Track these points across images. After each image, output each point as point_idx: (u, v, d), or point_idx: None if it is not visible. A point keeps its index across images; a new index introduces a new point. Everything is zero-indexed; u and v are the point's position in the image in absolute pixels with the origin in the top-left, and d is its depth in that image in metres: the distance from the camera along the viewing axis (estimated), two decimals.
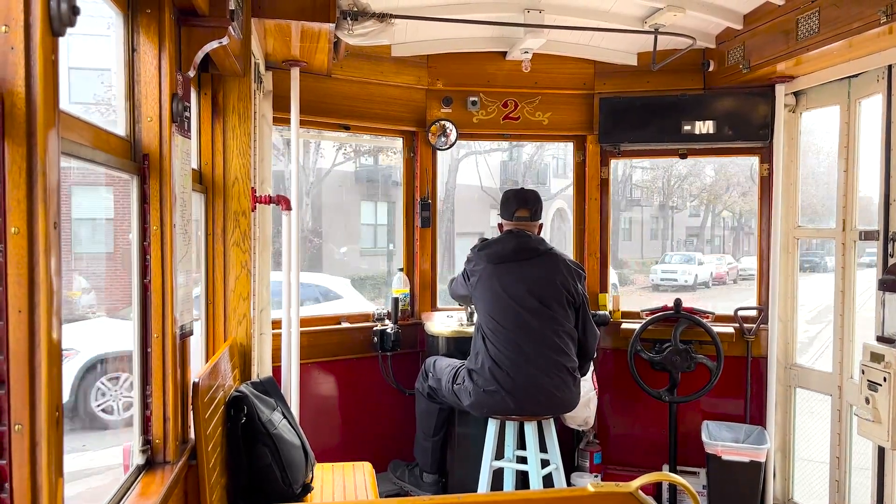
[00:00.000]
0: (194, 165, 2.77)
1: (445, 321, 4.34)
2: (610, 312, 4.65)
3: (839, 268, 3.81)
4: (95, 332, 7.32)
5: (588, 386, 4.10)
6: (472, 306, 3.95)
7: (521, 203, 3.70)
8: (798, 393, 4.22)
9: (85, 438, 6.68)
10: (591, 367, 4.12)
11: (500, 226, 3.78)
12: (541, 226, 3.75)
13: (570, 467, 4.46)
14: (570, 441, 4.53)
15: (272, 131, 3.64)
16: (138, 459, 1.95)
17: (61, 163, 1.23)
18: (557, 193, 25.39)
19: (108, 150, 1.72)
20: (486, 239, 3.77)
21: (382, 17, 3.44)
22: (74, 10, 1.12)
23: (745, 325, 4.37)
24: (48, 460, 1.12)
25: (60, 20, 1.11)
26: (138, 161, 1.94)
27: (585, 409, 4.09)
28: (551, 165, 26.96)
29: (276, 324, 3.64)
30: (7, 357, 1.09)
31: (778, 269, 4.15)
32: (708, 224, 32.58)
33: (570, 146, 4.88)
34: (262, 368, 3.27)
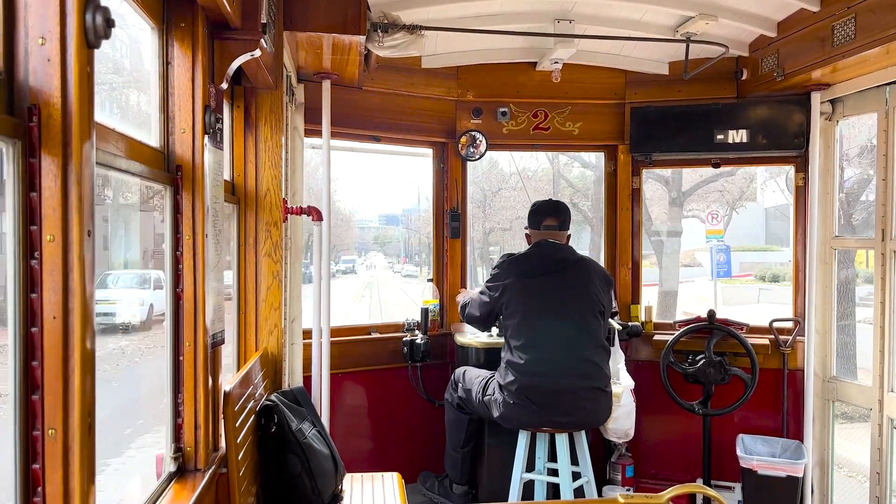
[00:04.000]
0: (227, 177, 2.81)
1: (475, 332, 4.32)
2: (642, 324, 4.60)
3: (878, 279, 3.72)
4: None
5: (629, 398, 4.05)
6: (496, 325, 3.91)
7: (552, 212, 3.68)
8: (836, 406, 4.13)
9: None
10: (632, 382, 4.06)
11: (528, 236, 3.76)
12: (569, 236, 3.73)
13: (602, 480, 4.41)
14: (603, 454, 4.48)
15: (304, 143, 3.67)
16: (170, 467, 1.97)
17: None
18: None
19: (142, 161, 1.75)
20: (512, 254, 3.74)
21: (412, 29, 3.47)
22: (109, 23, 1.15)
23: (781, 336, 4.29)
24: (80, 466, 1.14)
25: (96, 33, 1.13)
26: (171, 172, 1.98)
27: (626, 422, 4.03)
28: None
29: (307, 333, 3.66)
30: (41, 362, 1.11)
31: (815, 281, 4.07)
32: None
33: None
34: (292, 378, 3.29)
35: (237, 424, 2.26)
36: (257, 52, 2.29)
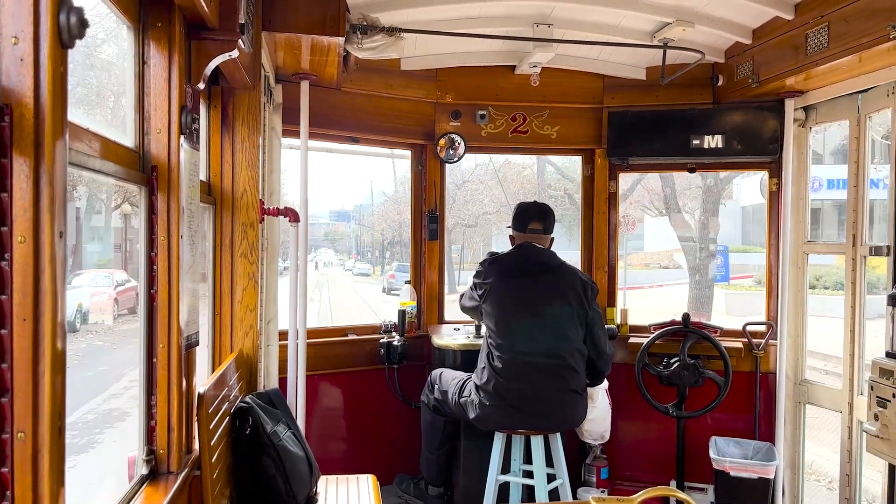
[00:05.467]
0: (203, 177, 2.78)
1: (452, 334, 4.33)
2: (618, 326, 4.63)
3: (849, 283, 3.79)
4: None
5: (604, 400, 4.08)
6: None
7: (537, 216, 3.69)
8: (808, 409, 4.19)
9: None
10: (606, 383, 4.11)
11: (512, 238, 3.77)
12: (552, 240, 3.74)
13: (577, 482, 4.43)
14: (578, 456, 4.51)
15: (281, 143, 3.65)
16: (142, 469, 1.95)
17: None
18: None
19: (116, 161, 1.73)
20: (496, 253, 3.77)
21: (392, 31, 3.47)
22: (83, 23, 1.13)
23: (754, 340, 4.34)
24: (50, 469, 1.12)
25: (70, 33, 1.12)
26: (147, 172, 1.96)
27: (602, 424, 4.07)
28: None
29: (283, 335, 3.65)
30: (11, 365, 1.09)
31: (787, 285, 4.13)
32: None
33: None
34: (268, 380, 3.27)
35: (211, 427, 2.24)
36: (235, 53, 2.28)
